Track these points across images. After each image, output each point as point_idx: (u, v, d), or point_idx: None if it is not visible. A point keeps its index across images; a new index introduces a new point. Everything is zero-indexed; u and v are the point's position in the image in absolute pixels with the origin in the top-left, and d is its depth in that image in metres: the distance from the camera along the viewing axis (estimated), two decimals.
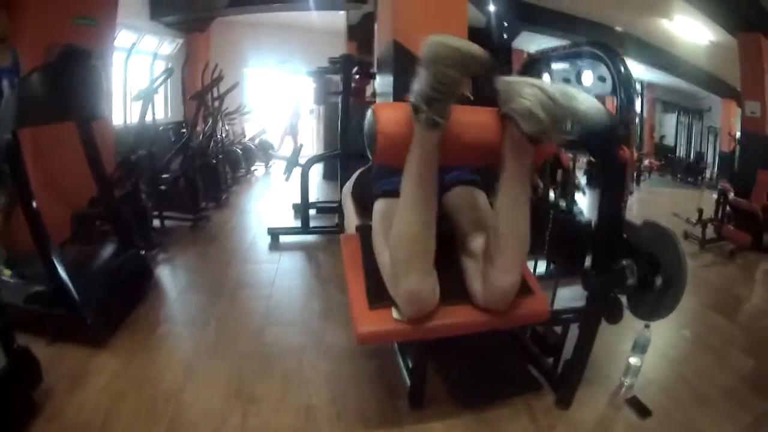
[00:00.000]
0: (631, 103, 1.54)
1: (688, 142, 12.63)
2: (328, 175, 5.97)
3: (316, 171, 5.23)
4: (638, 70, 9.62)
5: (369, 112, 1.41)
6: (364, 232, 1.72)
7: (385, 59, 2.88)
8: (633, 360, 2.11)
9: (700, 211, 5.10)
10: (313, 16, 7.15)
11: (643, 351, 2.10)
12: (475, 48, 1.23)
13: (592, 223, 1.95)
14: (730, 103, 11.90)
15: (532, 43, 8.95)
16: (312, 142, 8.69)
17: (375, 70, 3.52)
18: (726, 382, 2.30)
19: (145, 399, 1.81)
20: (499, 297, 1.48)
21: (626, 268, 1.53)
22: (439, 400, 1.87)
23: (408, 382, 1.88)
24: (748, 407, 2.13)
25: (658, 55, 8.42)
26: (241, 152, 6.38)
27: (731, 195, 5.07)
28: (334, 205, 4.03)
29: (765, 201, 4.91)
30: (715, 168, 11.85)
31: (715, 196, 5.36)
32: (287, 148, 7.91)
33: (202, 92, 4.74)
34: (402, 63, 2.59)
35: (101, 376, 1.91)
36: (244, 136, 7.41)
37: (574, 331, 1.94)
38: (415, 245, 1.40)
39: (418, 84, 1.27)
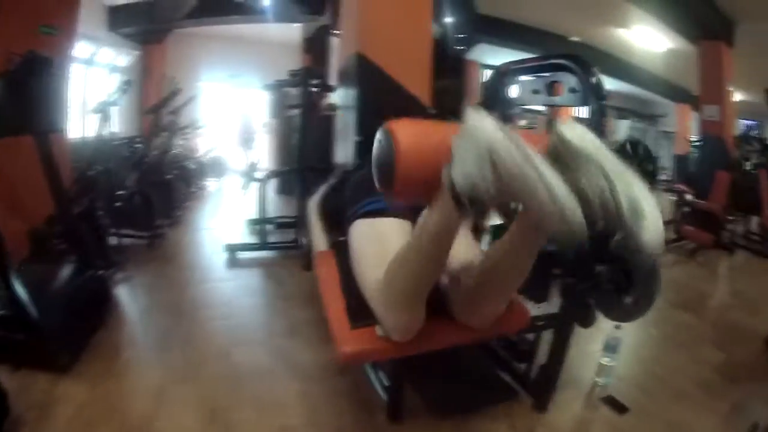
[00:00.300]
0: (604, 114, 1.58)
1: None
2: (283, 190, 5.91)
3: (270, 186, 5.17)
4: None
5: (382, 131, 1.19)
6: (340, 248, 1.69)
7: (347, 72, 2.88)
8: (605, 360, 2.17)
9: None
10: (267, 29, 7.09)
11: (615, 351, 2.16)
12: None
13: None
14: (685, 108, 12.47)
15: (487, 55, 9.17)
16: (265, 157, 8.63)
17: (335, 82, 3.50)
18: (700, 375, 2.40)
19: (116, 429, 1.73)
20: (484, 321, 1.48)
21: (602, 274, 1.55)
22: (417, 413, 1.87)
23: (383, 396, 1.87)
24: (724, 398, 2.23)
25: (614, 63, 8.66)
26: (194, 168, 6.28)
27: (689, 197, 5.28)
28: (291, 220, 4.01)
29: (723, 201, 5.13)
30: (672, 171, 12.34)
31: (673, 198, 5.58)
32: (241, 162, 7.84)
33: (159, 106, 4.65)
34: (366, 76, 2.60)
35: (69, 405, 1.82)
36: (197, 152, 7.30)
37: (544, 335, 1.99)
38: (415, 289, 1.32)
39: (476, 175, 0.97)
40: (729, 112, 5.93)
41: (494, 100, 2.29)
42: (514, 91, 2.20)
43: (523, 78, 2.10)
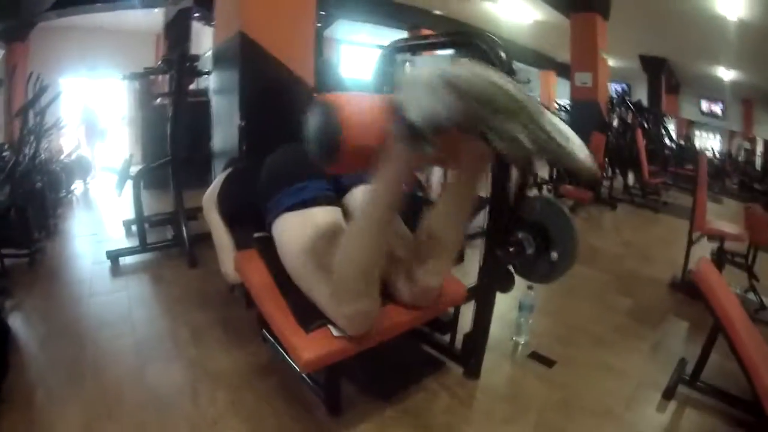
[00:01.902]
0: None
1: None
2: (152, 184, 5.56)
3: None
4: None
5: (321, 105, 1.22)
6: (264, 246, 1.65)
7: (226, 53, 2.78)
8: (522, 320, 2.37)
9: (535, 175, 5.81)
10: (126, 17, 6.76)
11: (531, 310, 2.37)
12: (527, 102, 1.04)
13: None
14: (550, 74, 13.67)
15: (348, 31, 9.25)
16: (126, 151, 8.08)
17: (210, 66, 3.35)
18: (614, 321, 2.75)
19: None
20: (428, 295, 1.55)
21: (524, 240, 1.69)
22: (356, 402, 1.90)
23: (316, 391, 1.88)
24: (641, 339, 2.60)
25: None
26: (61, 171, 5.71)
27: None
28: (167, 216, 3.83)
29: (600, 160, 5.73)
30: None
31: None
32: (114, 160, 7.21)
33: (27, 107, 4.11)
34: (249, 57, 2.55)
35: None
36: (62, 154, 6.66)
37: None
38: (370, 269, 1.35)
39: (434, 105, 1.05)
40: (602, 77, 6.62)
41: (386, 76, 2.34)
42: (409, 68, 2.26)
43: (423, 55, 2.16)
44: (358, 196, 1.72)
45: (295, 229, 1.53)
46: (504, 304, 2.27)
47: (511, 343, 2.41)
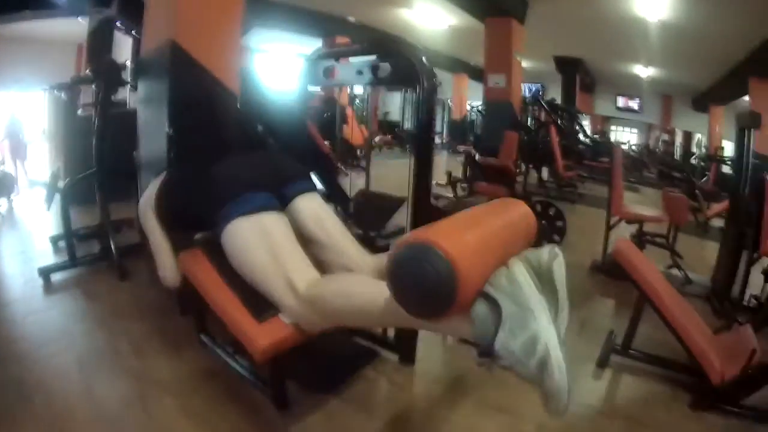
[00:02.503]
0: (433, 92, 1.84)
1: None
2: (77, 198, 5.40)
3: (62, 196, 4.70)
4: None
5: (427, 254, 1.01)
6: (209, 247, 1.72)
7: (155, 62, 2.78)
8: None
9: (449, 174, 6.09)
10: (49, 25, 6.45)
11: None
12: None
13: None
14: (462, 78, 14.21)
15: (262, 40, 9.24)
16: (51, 165, 7.72)
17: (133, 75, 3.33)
18: None
19: None
20: None
21: None
22: (300, 396, 1.98)
23: (261, 389, 1.94)
24: (570, 316, 2.74)
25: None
26: None
27: (477, 156, 6.11)
28: (94, 230, 3.75)
29: (514, 157, 6.04)
30: (444, 134, 14.22)
31: (460, 159, 6.37)
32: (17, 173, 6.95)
33: None
34: (179, 66, 2.58)
35: None
36: None
37: None
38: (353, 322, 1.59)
39: (522, 356, 1.01)
40: (516, 79, 6.92)
41: (311, 79, 2.50)
42: (335, 73, 2.37)
43: (347, 61, 2.29)
44: (301, 204, 1.84)
45: (250, 230, 1.64)
46: None
47: None
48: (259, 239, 1.62)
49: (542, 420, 1.91)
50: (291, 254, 1.64)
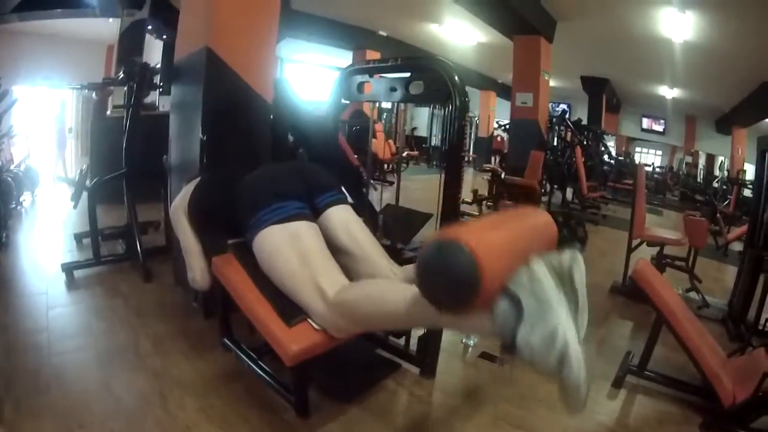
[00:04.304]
0: (465, 109, 1.90)
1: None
2: (102, 198, 5.52)
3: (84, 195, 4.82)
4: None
5: (450, 248, 1.07)
6: (240, 251, 1.78)
7: (189, 67, 2.87)
8: None
9: (475, 192, 6.13)
10: (81, 25, 6.60)
11: None
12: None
13: None
14: (490, 94, 14.26)
15: (293, 50, 9.41)
16: (72, 164, 7.88)
17: (168, 79, 3.43)
18: None
19: None
20: None
21: None
22: (321, 404, 2.02)
23: (284, 394, 1.95)
24: (586, 337, 2.76)
25: (418, 54, 9.41)
26: (11, 182, 5.55)
27: (503, 175, 6.15)
28: (120, 230, 3.82)
29: (539, 177, 6.07)
30: (470, 152, 14.11)
31: (486, 177, 6.41)
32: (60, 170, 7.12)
33: None
34: (213, 72, 2.65)
35: None
36: (13, 163, 6.45)
37: None
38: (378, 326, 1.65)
39: (543, 346, 1.04)
40: (543, 98, 6.99)
41: (345, 94, 2.56)
42: (368, 88, 2.44)
43: (380, 76, 2.35)
44: (333, 214, 1.89)
45: (281, 237, 1.69)
46: None
47: (461, 346, 2.61)
48: (289, 246, 1.67)
49: None
50: (321, 261, 1.69)
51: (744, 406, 1.94)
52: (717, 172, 14.53)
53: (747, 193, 8.52)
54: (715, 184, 11.83)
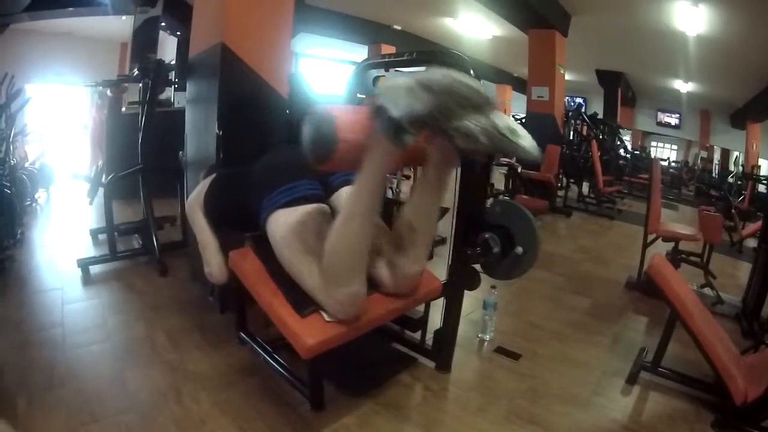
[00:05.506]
0: None
1: None
2: (117, 194, 5.57)
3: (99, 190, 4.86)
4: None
5: (320, 115, 1.45)
6: (257, 243, 1.79)
7: (204, 63, 2.88)
8: (486, 317, 2.57)
9: (491, 186, 6.08)
10: (94, 23, 6.66)
11: (495, 308, 2.58)
12: (486, 96, 1.33)
13: None
14: (506, 88, 14.16)
15: (307, 45, 9.43)
16: (96, 160, 7.94)
17: (183, 75, 3.44)
18: (571, 318, 3.00)
19: None
20: (409, 283, 1.75)
21: (490, 240, 1.87)
22: (336, 398, 2.03)
23: (299, 388, 1.97)
24: (600, 333, 2.85)
25: (433, 48, 9.39)
26: (26, 178, 5.62)
27: (520, 169, 6.13)
28: (136, 225, 3.84)
29: (555, 171, 6.03)
30: None
31: (502, 171, 6.40)
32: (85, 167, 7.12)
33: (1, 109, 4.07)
34: (228, 67, 2.65)
35: None
36: (28, 160, 6.53)
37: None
38: (359, 255, 1.54)
39: (411, 103, 1.27)
40: (558, 91, 6.94)
41: (361, 89, 2.55)
42: (381, 82, 2.43)
43: (393, 71, 2.34)
44: (345, 195, 1.86)
45: (289, 222, 1.68)
46: (468, 304, 2.41)
47: (477, 340, 2.60)
48: (296, 229, 1.67)
49: None
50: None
51: (756, 405, 1.92)
52: (732, 167, 14.36)
53: (762, 188, 8.40)
54: (730, 180, 11.69)
